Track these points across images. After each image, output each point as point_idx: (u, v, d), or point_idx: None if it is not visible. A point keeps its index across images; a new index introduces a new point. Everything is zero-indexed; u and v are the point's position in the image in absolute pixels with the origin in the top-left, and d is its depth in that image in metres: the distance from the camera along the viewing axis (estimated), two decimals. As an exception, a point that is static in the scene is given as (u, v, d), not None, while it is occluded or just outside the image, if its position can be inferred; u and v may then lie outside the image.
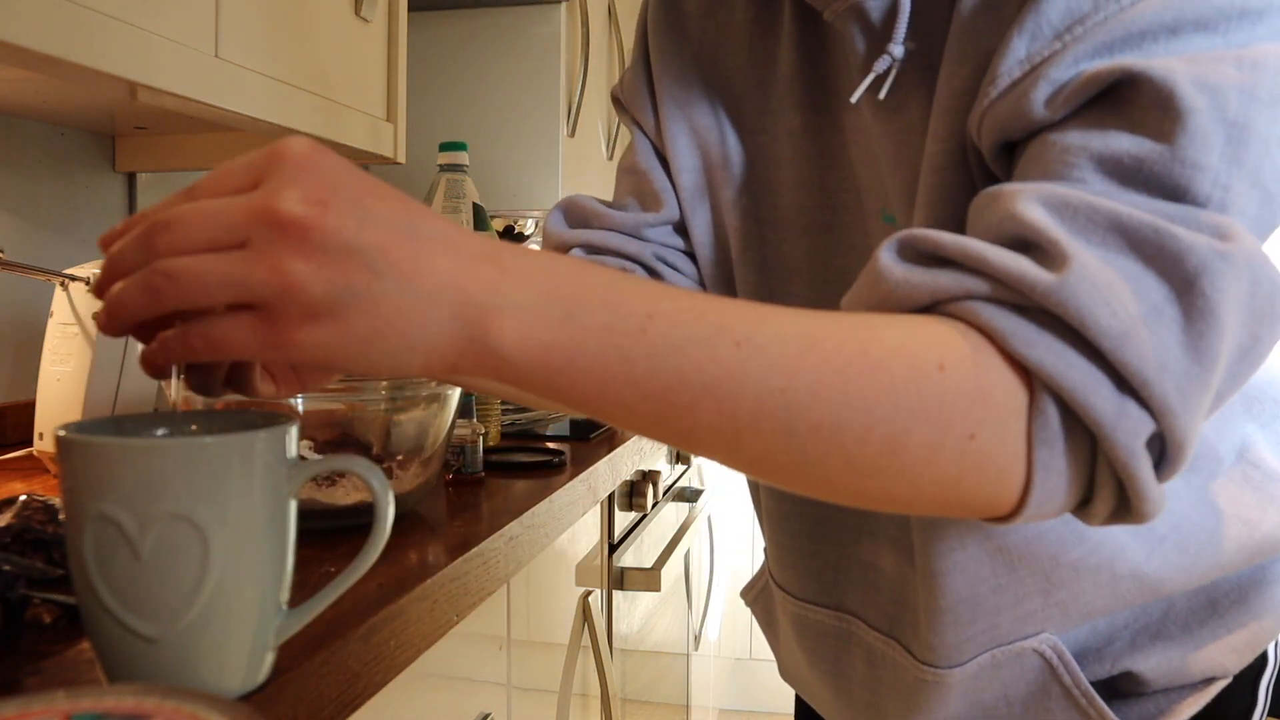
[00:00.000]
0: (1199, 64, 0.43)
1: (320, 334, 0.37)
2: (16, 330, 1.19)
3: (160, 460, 0.42)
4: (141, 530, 0.42)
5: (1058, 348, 0.41)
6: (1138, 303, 0.40)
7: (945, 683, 0.61)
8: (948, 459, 0.41)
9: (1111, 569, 0.58)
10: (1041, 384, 0.41)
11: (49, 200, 1.25)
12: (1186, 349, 0.41)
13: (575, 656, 1.21)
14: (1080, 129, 0.45)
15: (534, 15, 1.93)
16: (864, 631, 0.67)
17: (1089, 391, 0.40)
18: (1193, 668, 0.61)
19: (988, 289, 0.42)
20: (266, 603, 0.46)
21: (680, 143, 0.69)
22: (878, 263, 0.46)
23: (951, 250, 0.43)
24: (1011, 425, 0.42)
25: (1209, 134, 0.42)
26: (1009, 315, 0.42)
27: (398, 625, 0.63)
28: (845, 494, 0.44)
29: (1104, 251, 0.41)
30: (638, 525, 1.52)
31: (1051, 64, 0.46)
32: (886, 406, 0.41)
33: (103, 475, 0.43)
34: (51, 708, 0.32)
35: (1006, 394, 0.41)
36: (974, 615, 0.59)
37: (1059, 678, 0.60)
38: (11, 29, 0.73)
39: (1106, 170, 0.43)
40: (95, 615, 0.44)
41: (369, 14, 1.27)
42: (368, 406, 0.80)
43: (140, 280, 0.38)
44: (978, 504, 0.43)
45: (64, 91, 1.02)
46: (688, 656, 2.00)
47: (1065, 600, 0.59)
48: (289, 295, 0.37)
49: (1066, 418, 0.42)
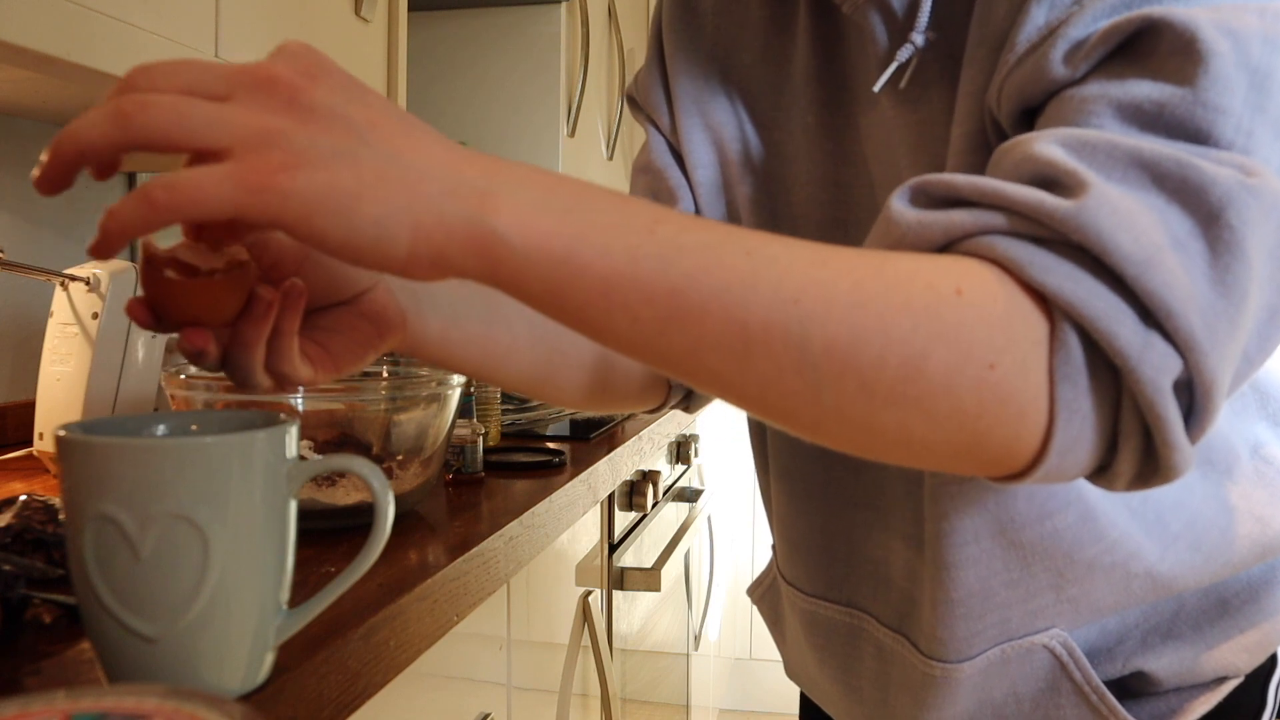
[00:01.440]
0: (1221, 11, 0.42)
1: (302, 180, 0.34)
2: (16, 330, 1.19)
3: (160, 460, 0.42)
4: (141, 530, 0.42)
5: (1078, 275, 0.39)
6: (1160, 232, 0.38)
7: (954, 678, 0.61)
8: (967, 387, 0.39)
9: (1126, 568, 0.58)
10: (1062, 314, 0.39)
11: (49, 200, 1.25)
12: (1213, 283, 0.39)
13: (575, 656, 1.21)
14: (1100, 80, 0.44)
15: (534, 15, 1.93)
16: (874, 628, 0.67)
17: (1111, 321, 0.38)
18: (1204, 667, 0.61)
19: (1005, 222, 0.40)
20: (266, 603, 0.46)
21: (696, 139, 0.69)
22: (889, 210, 0.44)
23: (966, 189, 0.42)
24: (1032, 357, 0.39)
25: (1232, 78, 0.41)
26: (1026, 245, 0.40)
27: (398, 625, 0.63)
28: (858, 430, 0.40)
29: (1125, 187, 0.40)
30: (638, 525, 1.52)
31: (1069, 24, 0.45)
32: (904, 325, 0.38)
33: (103, 475, 0.43)
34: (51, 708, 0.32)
35: (1026, 323, 0.39)
36: (984, 609, 0.59)
37: (1069, 674, 0.60)
38: (11, 29, 0.73)
39: (1126, 116, 0.42)
40: (95, 615, 0.44)
41: (369, 14, 1.27)
42: (368, 406, 0.80)
43: (109, 106, 0.35)
44: (996, 448, 0.40)
45: (64, 91, 1.02)
46: (688, 656, 2.00)
47: (1077, 596, 0.59)
48: (271, 141, 0.34)
49: (1090, 352, 0.39)
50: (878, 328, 0.38)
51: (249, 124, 0.35)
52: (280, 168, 0.34)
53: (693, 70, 0.70)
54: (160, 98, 0.35)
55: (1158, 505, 0.59)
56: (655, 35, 0.74)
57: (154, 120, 0.34)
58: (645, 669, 1.61)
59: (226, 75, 0.36)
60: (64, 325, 0.97)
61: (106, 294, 0.96)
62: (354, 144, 0.36)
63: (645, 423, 1.45)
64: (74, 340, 0.97)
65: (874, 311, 0.38)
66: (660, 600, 1.70)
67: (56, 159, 0.35)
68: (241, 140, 0.34)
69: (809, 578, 0.72)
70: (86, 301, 0.97)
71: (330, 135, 0.35)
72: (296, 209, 0.34)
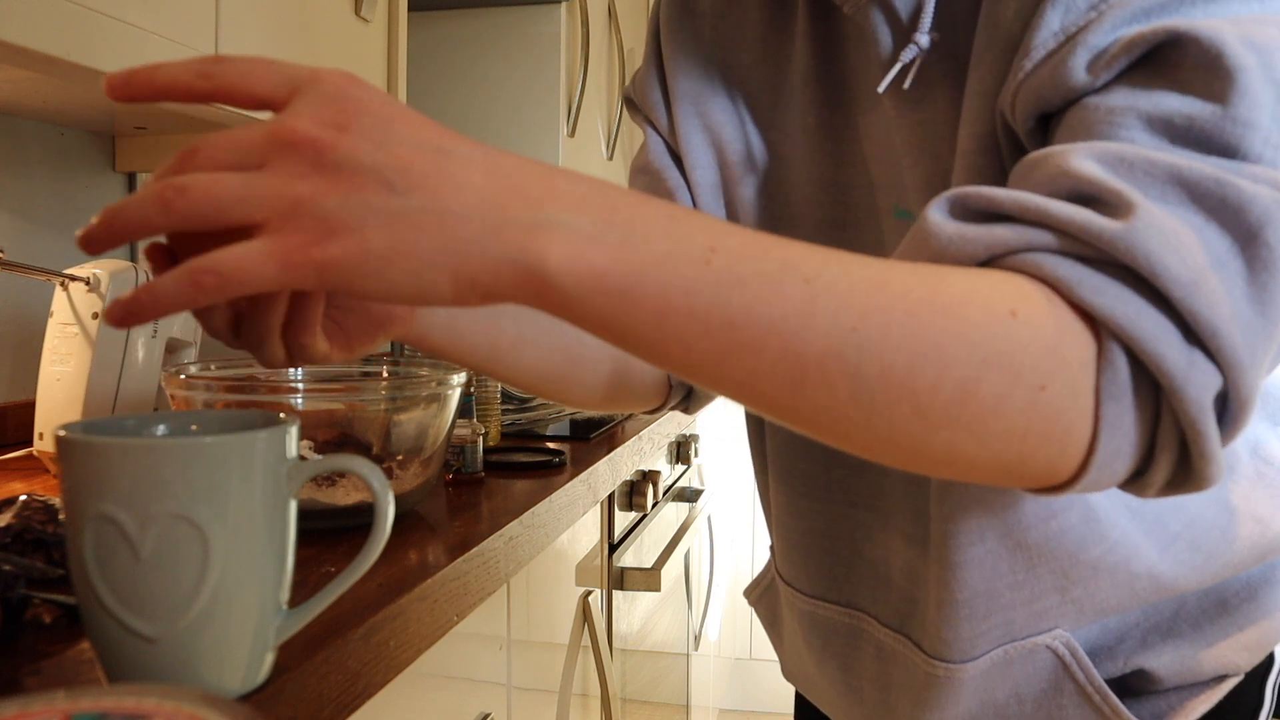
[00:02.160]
0: (1243, 25, 0.42)
1: (335, 250, 0.35)
2: (16, 330, 1.19)
3: (160, 460, 0.42)
4: (141, 530, 0.42)
5: (1127, 296, 0.39)
6: (1202, 252, 0.39)
7: (957, 678, 0.61)
8: (1017, 410, 0.39)
9: (1129, 568, 0.58)
10: (1110, 334, 0.39)
11: (49, 200, 1.25)
12: (1252, 301, 0.39)
13: (575, 656, 1.21)
14: (1125, 90, 0.44)
15: (534, 15, 1.93)
16: (874, 628, 0.67)
17: (1159, 342, 0.38)
18: (1205, 665, 0.61)
19: (1051, 240, 0.40)
20: (266, 603, 0.46)
21: (695, 140, 0.69)
22: (926, 221, 0.44)
23: (1008, 205, 0.42)
24: (1081, 378, 0.40)
25: (1259, 93, 0.41)
26: (1075, 265, 0.40)
27: (398, 625, 0.63)
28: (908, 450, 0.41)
29: (1164, 205, 0.40)
30: (638, 525, 1.52)
31: (1089, 31, 0.45)
32: (960, 350, 0.38)
33: (103, 475, 0.43)
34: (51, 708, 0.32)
35: (1077, 344, 0.40)
36: (989, 610, 0.59)
37: (1072, 674, 0.60)
38: (11, 29, 0.73)
39: (1156, 129, 0.42)
40: (95, 615, 0.44)
41: (369, 14, 1.27)
42: (368, 406, 0.80)
43: (152, 191, 0.36)
44: (1040, 464, 0.41)
45: (64, 91, 1.02)
46: (688, 656, 2.00)
47: (1081, 598, 0.59)
48: (300, 209, 0.35)
49: (1135, 371, 0.40)
50: (934, 354, 0.38)
51: (278, 195, 0.35)
52: (313, 240, 0.35)
53: (691, 71, 0.70)
54: (195, 181, 0.35)
55: (1157, 506, 0.59)
56: (653, 36, 0.74)
57: (192, 206, 0.35)
58: (645, 669, 1.61)
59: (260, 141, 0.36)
60: (64, 325, 0.97)
61: (106, 294, 0.96)
62: (385, 198, 0.35)
63: (645, 423, 1.45)
64: (74, 340, 0.97)
65: (930, 338, 0.38)
66: (660, 600, 1.70)
67: (105, 232, 0.36)
68: (273, 212, 0.35)
69: (808, 578, 0.72)
70: (86, 301, 0.97)
71: (360, 193, 0.35)
72: (334, 278, 0.35)
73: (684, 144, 0.70)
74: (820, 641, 0.72)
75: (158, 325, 1.03)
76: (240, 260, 0.35)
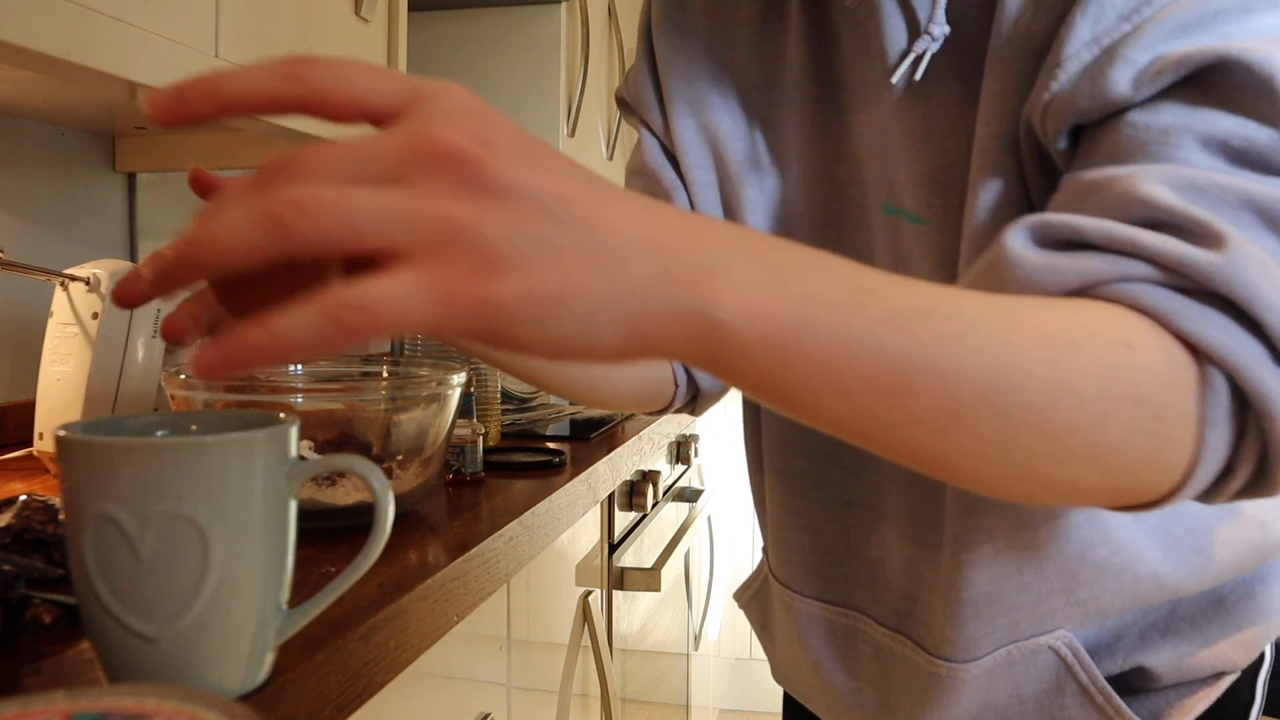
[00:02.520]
0: None
1: (504, 290, 0.29)
2: (16, 330, 1.19)
3: (160, 460, 0.42)
4: (141, 530, 0.42)
5: (1227, 325, 0.39)
6: None
7: (959, 678, 0.61)
8: (1139, 441, 0.39)
9: (1134, 569, 0.59)
10: (1211, 362, 0.40)
11: (49, 200, 1.25)
12: None
13: (575, 656, 1.21)
14: (1175, 108, 0.44)
15: (534, 15, 1.93)
16: (872, 628, 0.67)
17: (1259, 368, 0.39)
18: (1203, 663, 0.61)
19: (1147, 271, 0.40)
20: (266, 603, 0.46)
21: (690, 139, 0.69)
22: (1005, 250, 0.43)
23: (1096, 235, 0.41)
24: (1190, 406, 0.40)
25: None
26: (1173, 296, 0.40)
27: (398, 625, 0.63)
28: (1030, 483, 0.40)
29: (1240, 229, 0.40)
30: (638, 525, 1.52)
31: (1127, 44, 0.45)
32: (1092, 386, 0.38)
33: (103, 475, 0.43)
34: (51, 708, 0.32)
35: (1186, 373, 0.40)
36: (995, 610, 0.59)
37: (1074, 674, 0.60)
38: (11, 29, 0.73)
39: (1213, 149, 0.42)
40: (95, 615, 0.44)
41: (369, 14, 1.27)
42: (368, 406, 0.80)
43: (259, 209, 0.28)
44: (1143, 487, 0.42)
45: (64, 91, 1.02)
46: (688, 656, 2.00)
47: (1086, 600, 0.59)
48: (459, 238, 0.29)
49: (1235, 399, 0.40)
50: (1070, 391, 0.38)
51: (431, 217, 0.29)
52: (474, 275, 0.29)
53: (684, 70, 0.70)
54: (320, 195, 0.28)
55: (1159, 511, 0.59)
56: (645, 36, 0.73)
57: (317, 225, 0.28)
58: (645, 669, 1.61)
59: (391, 152, 0.30)
60: (64, 325, 0.97)
61: (106, 294, 0.96)
62: (550, 229, 0.30)
63: (645, 423, 1.45)
64: (74, 340, 0.97)
65: (1065, 375, 0.38)
66: (660, 600, 1.70)
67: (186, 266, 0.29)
68: (425, 239, 0.29)
69: (805, 578, 0.71)
70: (86, 301, 0.97)
71: (524, 222, 0.29)
72: (500, 322, 0.29)
73: (680, 144, 0.70)
74: (818, 642, 0.72)
75: (158, 325, 1.03)
76: (390, 297, 0.28)
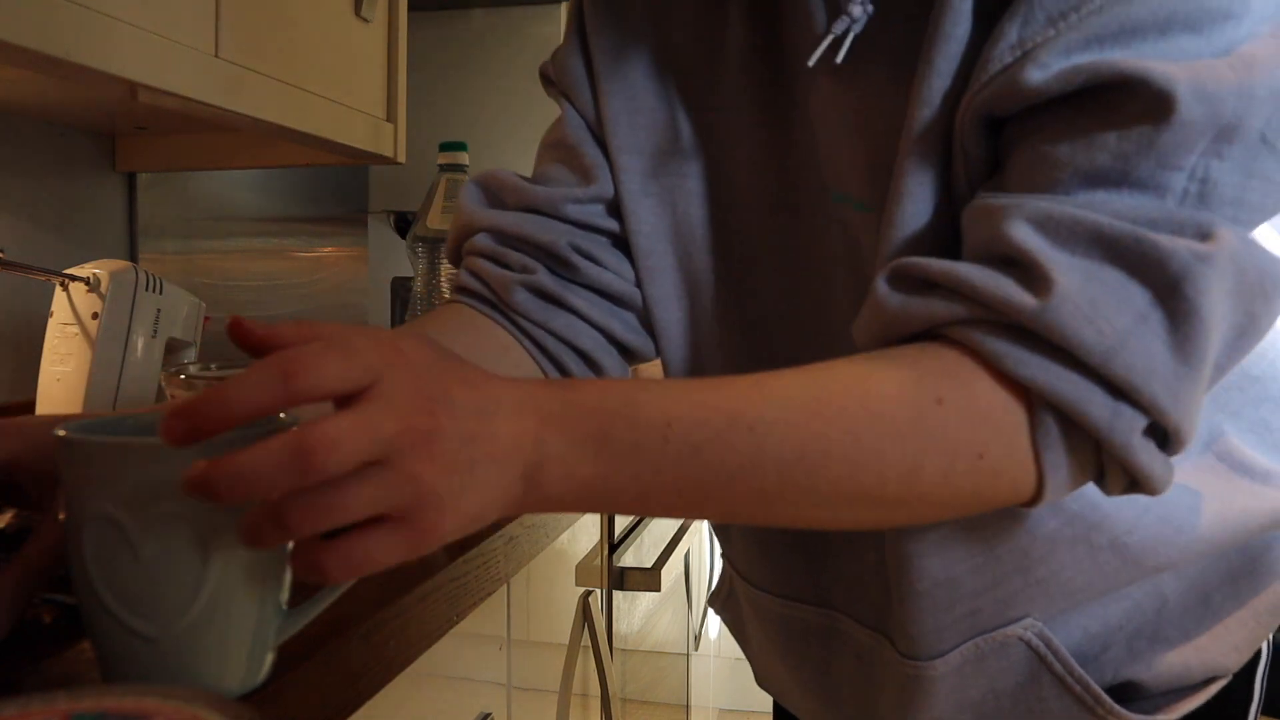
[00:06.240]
0: (1197, 71, 0.44)
1: (449, 524, 0.40)
2: (16, 330, 1.19)
3: (162, 461, 0.42)
4: (142, 530, 0.42)
5: (1049, 365, 0.44)
6: (1122, 313, 0.43)
7: (927, 676, 0.59)
8: (961, 479, 0.45)
9: (1089, 541, 0.57)
10: (1038, 397, 0.44)
11: (49, 200, 1.25)
12: (1174, 349, 0.43)
13: (575, 656, 1.21)
14: (1069, 139, 0.46)
15: (534, 15, 1.93)
16: (852, 627, 0.65)
17: (1083, 402, 0.44)
18: (1194, 672, 0.60)
19: (979, 313, 0.45)
20: (266, 603, 0.46)
21: (621, 123, 0.66)
22: (875, 293, 0.49)
23: (939, 277, 0.46)
24: (1016, 438, 0.45)
25: (1197, 140, 0.44)
26: (999, 340, 0.45)
27: (398, 625, 0.63)
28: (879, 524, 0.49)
29: (1087, 262, 0.44)
30: (638, 525, 1.52)
31: (1044, 49, 0.46)
32: (895, 450, 0.44)
33: (103, 475, 0.43)
34: (51, 708, 0.32)
35: (1006, 412, 0.45)
36: (952, 599, 0.57)
37: (1049, 665, 0.58)
38: (11, 29, 0.73)
39: (1094, 183, 0.46)
40: (95, 615, 0.44)
41: (369, 14, 1.27)
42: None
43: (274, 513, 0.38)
44: (999, 503, 0.47)
45: (64, 91, 1.02)
46: (688, 656, 2.00)
47: (1046, 578, 0.57)
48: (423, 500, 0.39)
49: (1065, 424, 0.45)
50: (873, 458, 0.44)
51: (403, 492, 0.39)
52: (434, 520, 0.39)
53: (620, 50, 0.67)
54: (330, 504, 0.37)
55: None
56: (577, 12, 0.70)
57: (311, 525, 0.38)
58: (645, 669, 1.62)
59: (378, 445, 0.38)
60: (64, 325, 0.97)
61: (106, 294, 0.96)
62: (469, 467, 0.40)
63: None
64: (74, 340, 0.97)
65: (867, 446, 0.44)
66: (660, 600, 1.70)
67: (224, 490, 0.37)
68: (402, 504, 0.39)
69: (781, 578, 0.69)
70: (86, 301, 0.97)
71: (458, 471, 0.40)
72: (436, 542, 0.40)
73: (611, 126, 0.66)
74: (796, 645, 0.69)
75: (158, 325, 1.03)
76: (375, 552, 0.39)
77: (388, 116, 1.33)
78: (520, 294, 0.66)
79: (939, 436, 0.45)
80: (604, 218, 0.67)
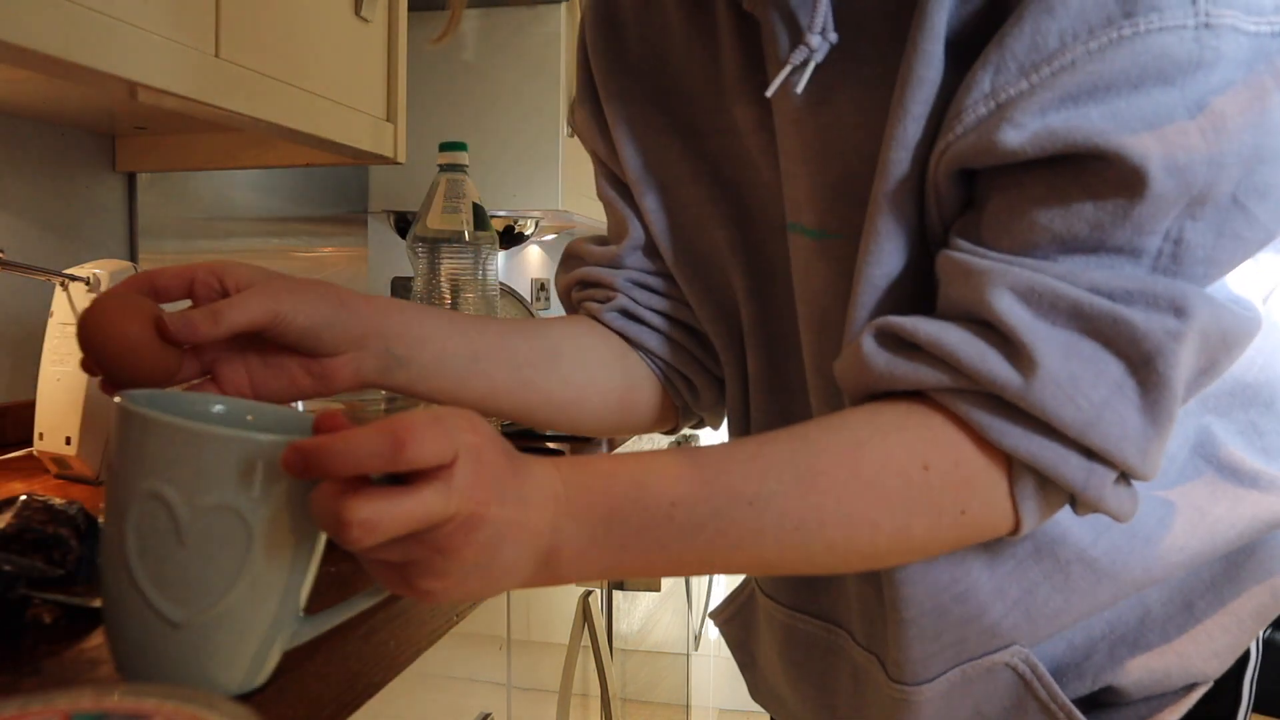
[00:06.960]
0: (1168, 140, 0.44)
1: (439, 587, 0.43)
2: (16, 330, 1.19)
3: (224, 452, 0.42)
4: (191, 516, 0.42)
5: (1030, 436, 0.48)
6: (1099, 386, 0.47)
7: (913, 701, 0.59)
8: (947, 532, 0.50)
9: (1055, 555, 0.57)
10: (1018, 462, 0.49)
11: (49, 200, 1.25)
12: (1144, 414, 0.47)
13: (575, 656, 1.21)
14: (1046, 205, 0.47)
15: (534, 15, 1.93)
16: (850, 646, 0.65)
17: (1060, 465, 0.48)
18: (1174, 678, 0.60)
19: (963, 384, 0.49)
20: (286, 606, 0.46)
21: (634, 165, 0.69)
22: (861, 350, 0.52)
23: (926, 344, 0.49)
24: (995, 495, 0.50)
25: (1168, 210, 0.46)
26: (982, 412, 0.48)
27: (398, 625, 0.64)
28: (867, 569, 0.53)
29: (1067, 335, 0.47)
30: (638, 525, 1.52)
31: (1018, 107, 0.46)
32: (884, 514, 0.49)
33: (166, 455, 0.42)
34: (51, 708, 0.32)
35: (986, 474, 0.49)
36: (939, 628, 0.57)
37: (1035, 693, 0.58)
38: (11, 29, 0.73)
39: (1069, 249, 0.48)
40: (121, 591, 0.44)
41: (369, 14, 1.27)
42: (367, 407, 0.80)
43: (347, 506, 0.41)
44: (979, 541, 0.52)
45: (64, 91, 1.02)
46: (688, 656, 2.00)
47: (1023, 600, 0.57)
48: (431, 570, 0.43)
49: (1041, 480, 0.49)
50: (865, 524, 0.49)
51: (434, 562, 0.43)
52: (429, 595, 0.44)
53: (625, 91, 0.69)
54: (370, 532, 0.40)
55: None
56: (583, 64, 0.73)
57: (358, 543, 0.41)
58: (645, 669, 1.61)
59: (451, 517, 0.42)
60: (64, 325, 0.97)
61: (106, 294, 0.96)
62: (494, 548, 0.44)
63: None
64: (74, 340, 0.96)
65: (859, 513, 0.49)
66: (660, 600, 1.70)
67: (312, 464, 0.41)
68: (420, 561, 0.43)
69: (786, 587, 0.70)
70: (86, 301, 0.97)
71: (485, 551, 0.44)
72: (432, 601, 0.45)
73: (627, 169, 0.70)
74: (799, 657, 0.70)
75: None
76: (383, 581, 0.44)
77: (388, 116, 1.33)
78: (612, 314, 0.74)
79: (926, 500, 0.49)
80: (646, 259, 0.73)
